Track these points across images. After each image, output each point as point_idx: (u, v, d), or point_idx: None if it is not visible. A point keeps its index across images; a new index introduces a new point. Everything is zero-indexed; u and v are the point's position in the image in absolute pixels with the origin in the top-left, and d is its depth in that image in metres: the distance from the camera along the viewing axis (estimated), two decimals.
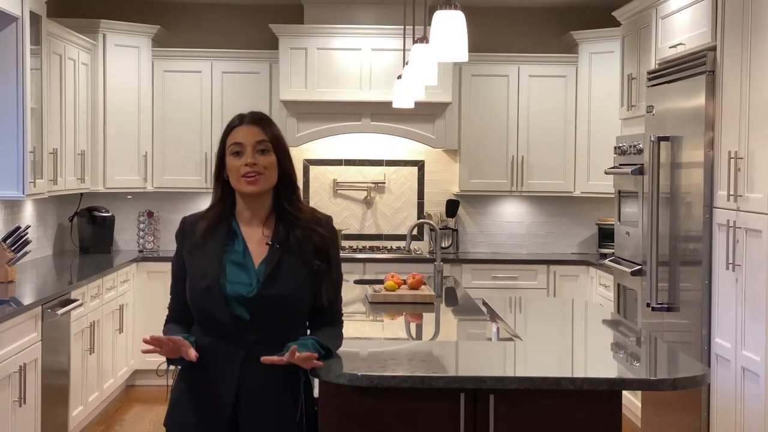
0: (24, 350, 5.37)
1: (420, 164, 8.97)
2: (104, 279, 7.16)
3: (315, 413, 3.27)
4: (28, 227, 6.60)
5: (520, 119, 8.61)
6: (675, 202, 6.08)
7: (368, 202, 8.93)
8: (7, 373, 5.11)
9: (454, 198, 8.86)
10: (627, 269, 6.86)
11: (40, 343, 5.67)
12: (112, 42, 8.23)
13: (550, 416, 3.12)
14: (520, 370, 3.24)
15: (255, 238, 3.22)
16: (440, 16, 3.73)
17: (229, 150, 3.19)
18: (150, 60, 8.48)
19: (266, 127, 3.21)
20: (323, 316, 3.28)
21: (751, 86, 5.05)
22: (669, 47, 6.35)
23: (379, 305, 5.40)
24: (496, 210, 9.02)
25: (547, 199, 8.92)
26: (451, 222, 8.81)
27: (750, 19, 5.11)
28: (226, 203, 3.25)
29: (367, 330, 4.83)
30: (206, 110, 8.55)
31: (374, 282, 6.04)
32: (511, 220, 9.03)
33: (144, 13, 8.73)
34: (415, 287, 5.69)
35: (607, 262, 7.49)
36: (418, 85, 5.69)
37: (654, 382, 3.08)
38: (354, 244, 8.83)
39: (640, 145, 6.77)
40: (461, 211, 8.92)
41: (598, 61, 8.39)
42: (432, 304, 5.49)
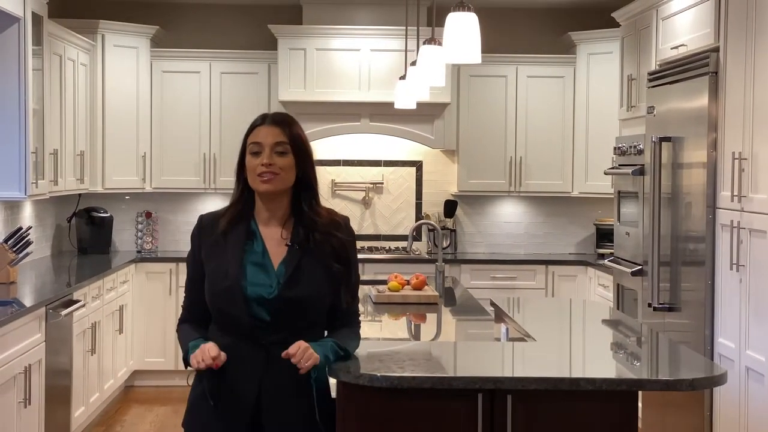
0: (28, 351, 5.37)
1: (418, 165, 8.98)
2: (104, 280, 7.15)
3: (333, 414, 3.27)
4: (30, 228, 6.59)
5: (519, 120, 8.64)
6: (676, 203, 6.10)
7: (366, 203, 8.94)
8: (12, 374, 5.11)
9: (452, 198, 8.87)
10: (627, 269, 6.88)
11: (44, 344, 5.67)
12: (110, 42, 8.22)
13: (566, 416, 3.13)
14: (538, 371, 3.24)
15: (274, 239, 3.22)
16: (453, 18, 3.74)
17: (249, 149, 3.20)
18: (148, 60, 8.48)
19: (287, 128, 3.21)
20: (341, 317, 3.29)
21: (755, 87, 5.08)
22: (670, 48, 6.38)
23: (383, 306, 5.42)
24: (494, 210, 9.04)
25: (545, 199, 8.95)
26: (449, 222, 8.83)
27: (753, 20, 5.13)
28: (245, 202, 3.25)
29: (377, 330, 4.84)
30: (205, 111, 8.55)
31: (377, 282, 6.04)
32: (508, 221, 9.05)
33: (142, 13, 8.72)
34: (418, 288, 5.70)
35: (606, 262, 7.51)
36: (423, 86, 5.70)
37: (673, 382, 3.10)
38: None
39: (641, 146, 6.79)
40: (459, 211, 8.94)
41: (596, 61, 8.42)
42: (436, 304, 5.51)
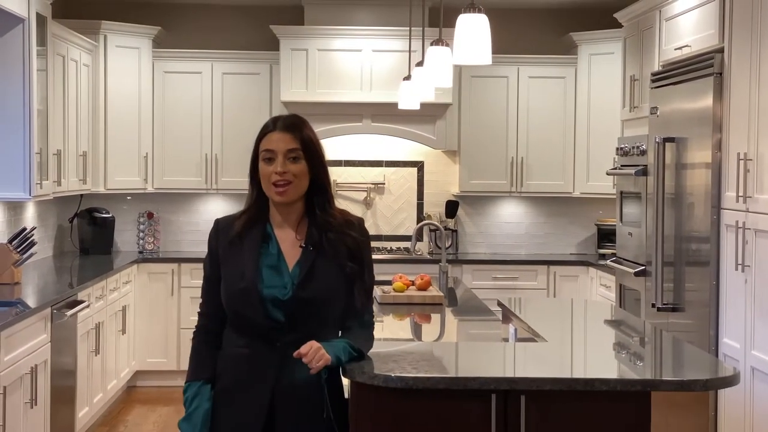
0: (35, 352, 5.37)
1: (419, 165, 8.99)
2: (108, 280, 7.15)
3: (346, 414, 3.28)
4: (34, 229, 6.60)
5: (520, 120, 8.65)
6: (680, 203, 6.12)
7: (368, 203, 8.94)
8: (19, 375, 5.11)
9: (454, 199, 8.88)
10: (630, 270, 6.89)
11: (50, 344, 5.67)
12: (113, 43, 8.23)
13: (579, 417, 3.14)
14: (552, 371, 3.26)
15: (288, 241, 3.24)
16: (464, 19, 3.75)
17: (262, 155, 3.20)
18: (150, 61, 8.48)
19: (298, 133, 3.20)
20: (355, 317, 3.30)
21: (761, 88, 5.09)
22: (674, 49, 6.39)
23: (389, 306, 5.42)
24: (495, 211, 9.05)
25: (546, 199, 8.96)
26: (451, 223, 8.84)
27: (759, 21, 5.15)
28: (260, 206, 3.26)
29: (387, 331, 4.85)
30: (206, 111, 8.56)
31: (381, 283, 6.05)
32: (510, 221, 9.07)
33: (144, 14, 8.73)
34: (423, 288, 5.72)
35: (609, 262, 7.52)
36: (428, 87, 5.71)
37: (687, 383, 3.10)
38: None
39: (643, 146, 6.81)
40: (460, 211, 8.95)
41: (597, 62, 8.43)
42: (441, 305, 5.52)
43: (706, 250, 5.70)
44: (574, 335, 4.30)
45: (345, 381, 3.30)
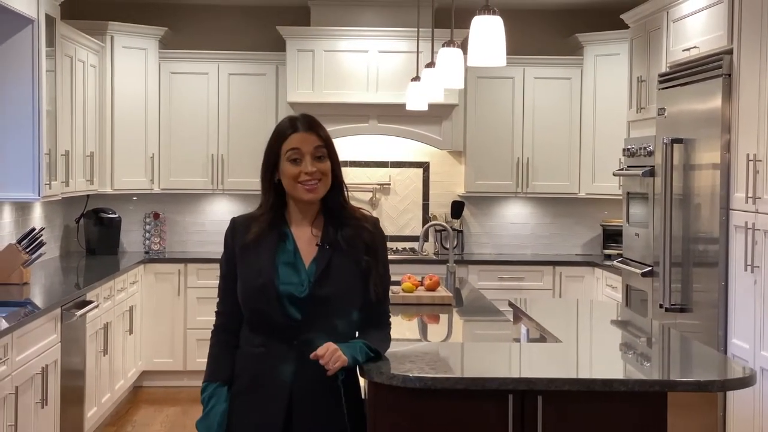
0: (45, 352, 5.39)
1: (425, 166, 9.00)
2: (115, 280, 7.16)
3: (363, 414, 3.30)
4: (42, 229, 6.61)
5: (526, 121, 8.66)
6: (688, 204, 6.13)
7: (373, 204, 8.96)
8: (30, 375, 5.12)
9: (459, 199, 8.90)
10: (637, 270, 6.90)
11: (60, 344, 5.68)
12: (119, 44, 8.24)
13: (595, 417, 3.16)
14: (568, 372, 3.27)
15: (304, 238, 3.25)
16: (479, 21, 3.77)
17: (287, 156, 3.20)
18: (157, 62, 8.49)
19: (320, 131, 3.24)
20: (371, 317, 3.32)
21: None
22: (682, 50, 6.40)
23: (398, 306, 5.42)
24: (501, 211, 9.07)
25: (551, 200, 8.97)
26: (456, 223, 8.85)
27: None
28: (277, 205, 3.27)
29: (396, 332, 4.84)
30: (213, 112, 8.57)
31: (391, 283, 6.05)
32: (515, 221, 9.08)
33: (151, 14, 8.74)
34: (432, 289, 5.73)
35: (616, 263, 7.53)
36: (438, 88, 5.72)
37: (704, 383, 3.12)
38: None
39: (651, 147, 6.82)
40: (466, 212, 8.96)
41: (603, 63, 8.45)
42: (450, 305, 5.52)
43: (714, 251, 5.71)
44: (588, 335, 4.31)
45: (361, 381, 3.32)
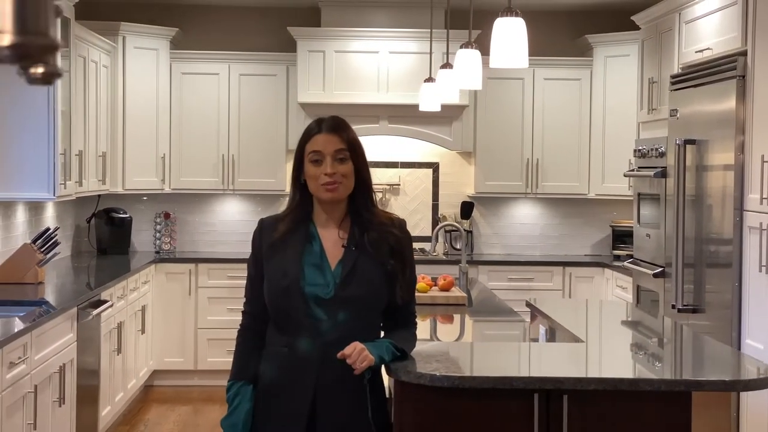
0: (62, 351, 5.41)
1: (434, 166, 9.03)
2: (128, 280, 7.19)
3: (387, 413, 3.32)
4: (57, 229, 6.63)
5: (535, 122, 8.69)
6: (700, 205, 6.15)
7: (383, 204, 8.97)
8: (48, 374, 5.15)
9: (469, 200, 8.92)
10: (648, 271, 6.92)
11: (76, 343, 5.71)
12: (131, 44, 8.27)
13: (620, 417, 3.18)
14: (592, 371, 3.30)
15: (331, 240, 3.28)
16: (501, 23, 3.79)
17: (309, 157, 3.23)
18: (168, 62, 8.52)
19: (344, 134, 3.26)
20: (397, 317, 3.34)
21: None
22: (695, 51, 6.42)
23: None
24: (510, 212, 9.09)
25: (560, 201, 8.99)
26: (466, 224, 8.88)
27: None
28: (303, 206, 3.30)
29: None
30: (223, 112, 8.59)
31: None
32: (524, 222, 9.10)
33: (162, 15, 8.76)
34: (446, 289, 5.75)
35: (626, 263, 7.56)
36: (453, 89, 5.75)
37: (731, 383, 3.15)
38: None
39: (662, 148, 6.84)
40: (475, 212, 8.98)
41: (612, 64, 8.47)
42: (464, 305, 5.55)
43: (728, 252, 5.73)
44: (607, 335, 4.33)
45: (385, 380, 3.34)
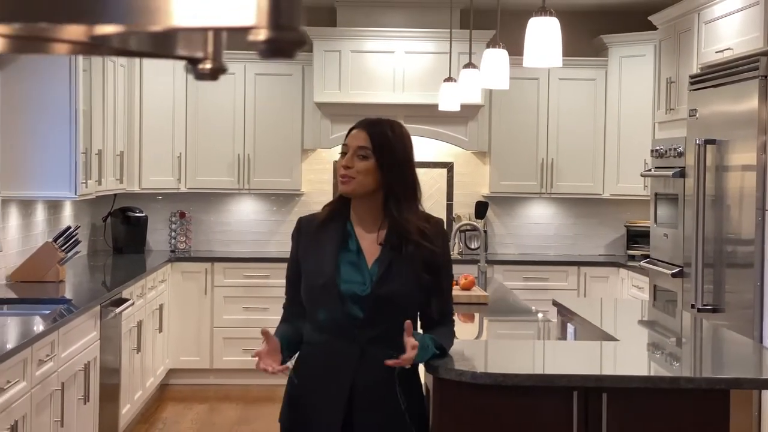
0: (87, 349, 5.43)
1: (449, 166, 9.04)
2: (147, 279, 7.21)
3: (424, 409, 3.33)
4: (78, 227, 6.65)
5: (550, 122, 8.70)
6: (720, 205, 6.16)
7: None
8: (74, 371, 5.17)
9: (483, 200, 8.93)
10: (667, 271, 6.94)
11: (99, 342, 5.73)
12: None
13: (659, 415, 3.19)
14: (633, 369, 3.31)
15: (368, 239, 3.29)
16: (535, 23, 3.81)
17: (341, 150, 3.29)
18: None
19: (374, 133, 3.26)
20: (435, 314, 3.36)
21: None
22: (715, 52, 6.44)
23: None
24: (524, 212, 9.10)
25: (575, 200, 9.00)
26: (480, 224, 8.88)
27: None
28: (342, 204, 3.32)
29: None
30: (239, 112, 8.61)
31: None
32: (539, 222, 9.11)
33: None
34: (467, 288, 5.77)
35: (643, 263, 7.57)
36: (475, 89, 5.76)
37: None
38: None
39: (681, 148, 6.85)
40: (489, 212, 8.99)
41: (628, 64, 8.48)
42: (486, 304, 5.56)
43: (748, 252, 5.74)
44: (640, 333, 4.35)
45: (421, 377, 3.36)
